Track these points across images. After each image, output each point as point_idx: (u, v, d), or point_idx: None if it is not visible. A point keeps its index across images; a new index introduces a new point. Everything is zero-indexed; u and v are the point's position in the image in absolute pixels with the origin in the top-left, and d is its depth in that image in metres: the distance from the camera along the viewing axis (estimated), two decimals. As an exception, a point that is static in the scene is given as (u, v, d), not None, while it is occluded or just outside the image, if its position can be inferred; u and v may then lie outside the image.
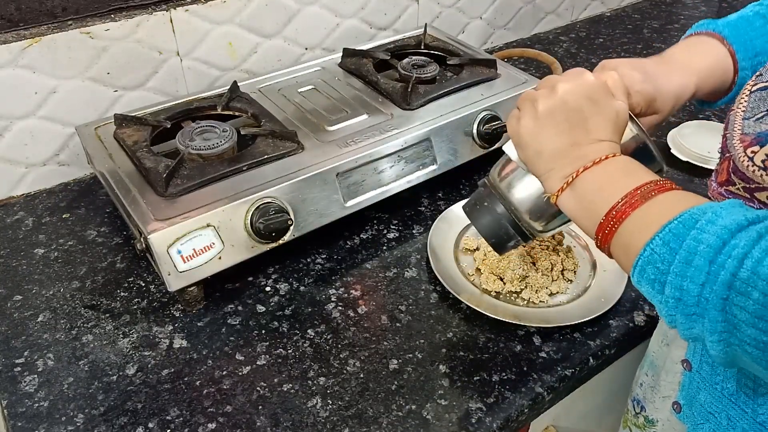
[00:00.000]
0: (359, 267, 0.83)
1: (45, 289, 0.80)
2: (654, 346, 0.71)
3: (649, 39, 1.47)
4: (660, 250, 0.45)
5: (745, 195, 0.50)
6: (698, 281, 0.43)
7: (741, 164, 0.48)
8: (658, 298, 0.47)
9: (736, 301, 0.41)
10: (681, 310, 0.44)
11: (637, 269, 0.47)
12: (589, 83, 0.56)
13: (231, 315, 0.77)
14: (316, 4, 1.10)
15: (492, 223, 0.65)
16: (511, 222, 0.64)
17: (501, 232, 0.65)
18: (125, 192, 0.77)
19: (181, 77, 1.02)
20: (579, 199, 0.53)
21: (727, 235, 0.42)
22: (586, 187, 0.53)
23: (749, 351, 0.41)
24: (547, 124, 0.55)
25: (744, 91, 0.53)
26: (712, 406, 0.58)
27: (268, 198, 0.75)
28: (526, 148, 0.57)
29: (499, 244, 0.66)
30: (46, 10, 0.90)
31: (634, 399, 0.75)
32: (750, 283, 0.40)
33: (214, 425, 0.65)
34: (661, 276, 0.45)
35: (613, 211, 0.49)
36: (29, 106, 0.91)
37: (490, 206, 0.64)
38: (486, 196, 0.65)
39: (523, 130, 0.56)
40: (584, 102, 0.55)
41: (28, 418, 0.65)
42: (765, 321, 0.40)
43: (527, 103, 0.57)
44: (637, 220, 0.48)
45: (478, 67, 1.01)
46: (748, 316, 0.40)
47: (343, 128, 0.87)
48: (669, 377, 0.67)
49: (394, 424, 0.65)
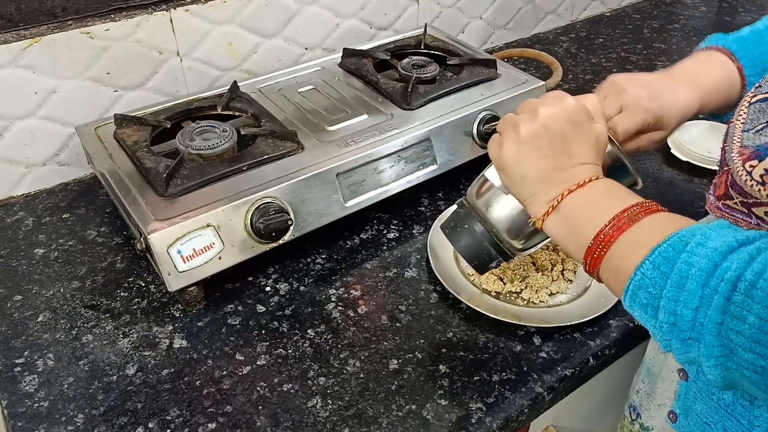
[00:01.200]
0: (359, 267, 0.83)
1: (45, 289, 0.80)
2: (650, 354, 0.71)
3: (649, 39, 1.47)
4: (651, 274, 0.45)
5: (743, 210, 0.49)
6: (692, 306, 0.42)
7: (739, 178, 0.48)
8: (651, 323, 0.46)
9: (731, 326, 0.40)
10: (676, 335, 0.44)
11: (629, 294, 0.47)
12: (571, 108, 0.56)
13: (231, 315, 0.77)
14: (316, 4, 1.10)
15: (472, 244, 0.64)
16: (492, 242, 0.63)
17: (482, 253, 0.64)
18: (125, 192, 0.77)
19: (181, 77, 1.02)
20: (565, 223, 0.53)
21: (719, 258, 0.42)
22: (571, 210, 0.53)
23: (747, 375, 0.41)
24: (530, 148, 0.55)
25: (743, 102, 0.53)
26: (708, 416, 0.57)
27: (268, 198, 0.75)
28: (509, 173, 0.57)
29: (481, 265, 0.66)
30: (46, 10, 0.90)
31: (630, 405, 0.75)
32: (744, 306, 0.40)
33: (214, 425, 0.65)
34: (653, 300, 0.45)
35: (601, 235, 0.49)
36: (29, 106, 0.91)
37: (470, 227, 0.64)
38: (464, 216, 0.64)
39: (506, 155, 0.56)
40: (566, 126, 0.55)
41: (28, 418, 0.65)
42: (762, 345, 0.39)
43: (509, 127, 0.57)
44: (626, 243, 0.48)
45: (478, 67, 1.01)
46: (744, 341, 0.40)
47: (343, 128, 0.87)
48: (665, 385, 0.66)
49: (394, 424, 0.65)
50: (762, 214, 0.47)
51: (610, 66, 1.34)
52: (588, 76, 1.30)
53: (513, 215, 0.62)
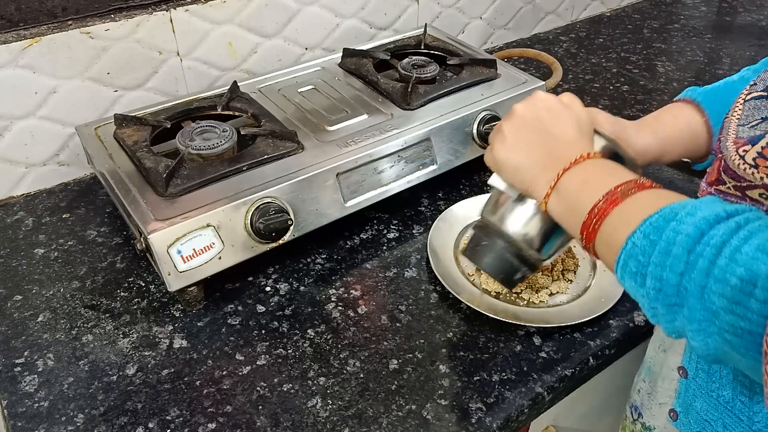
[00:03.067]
0: (359, 267, 0.83)
1: (45, 289, 0.80)
2: (651, 353, 0.71)
3: (649, 39, 1.47)
4: (641, 242, 0.46)
5: (737, 194, 0.50)
6: (677, 270, 0.43)
7: (732, 162, 0.49)
8: (640, 292, 0.47)
9: (714, 288, 0.41)
10: (661, 301, 0.45)
11: (620, 264, 0.48)
12: (542, 98, 0.60)
13: (231, 315, 0.77)
14: (316, 4, 1.10)
15: (496, 259, 0.64)
16: (514, 254, 0.63)
17: (506, 266, 0.64)
18: (125, 192, 0.77)
19: (181, 77, 1.02)
20: (564, 201, 0.54)
21: (706, 226, 0.43)
22: (569, 188, 0.54)
23: (728, 339, 0.41)
24: (516, 142, 0.58)
25: (738, 100, 0.54)
26: (708, 413, 0.58)
27: (268, 198, 0.75)
28: (505, 169, 0.59)
29: (508, 278, 0.65)
30: (46, 10, 0.90)
31: (632, 405, 0.75)
32: (728, 270, 0.41)
33: (214, 425, 0.65)
34: (642, 268, 0.46)
35: (595, 209, 0.51)
36: (29, 106, 0.91)
37: (490, 243, 0.64)
38: (484, 235, 0.65)
39: (497, 154, 0.59)
40: (542, 113, 0.58)
41: (28, 418, 0.65)
42: (742, 306, 0.40)
43: (493, 134, 0.61)
44: (619, 216, 0.49)
45: (478, 67, 1.01)
46: (725, 302, 0.40)
47: (343, 128, 0.87)
48: (665, 384, 0.67)
49: (394, 424, 0.65)
50: (757, 196, 0.48)
51: (610, 66, 1.34)
52: (588, 76, 1.30)
53: (528, 223, 0.62)
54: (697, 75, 1.31)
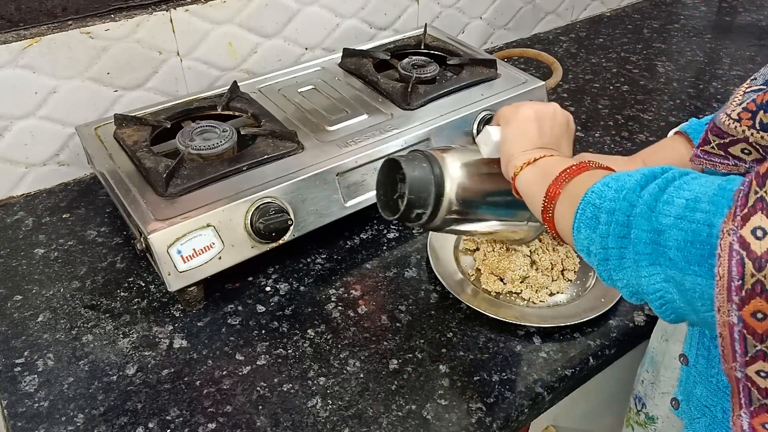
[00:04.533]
0: (359, 267, 0.83)
1: (45, 289, 0.80)
2: (654, 343, 0.72)
3: (648, 39, 1.47)
4: (599, 189, 0.50)
5: (720, 152, 0.53)
6: (630, 201, 0.47)
7: (719, 121, 0.52)
8: (593, 237, 0.49)
9: (661, 210, 0.44)
10: (613, 233, 0.47)
11: (578, 214, 0.51)
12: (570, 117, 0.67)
13: (231, 315, 0.77)
14: (316, 4, 1.10)
15: (421, 180, 0.64)
16: (436, 189, 0.64)
17: (422, 193, 0.64)
18: (125, 192, 0.77)
19: (181, 77, 1.02)
20: (537, 170, 0.59)
21: (659, 171, 0.47)
22: (547, 163, 0.60)
23: (672, 256, 0.43)
24: (538, 120, 0.63)
25: (738, 91, 0.56)
26: (708, 399, 0.58)
27: (268, 198, 0.75)
28: (515, 128, 0.63)
29: (412, 204, 0.64)
30: (46, 10, 0.90)
31: (635, 396, 0.75)
32: (675, 195, 0.44)
33: (214, 425, 0.65)
34: (597, 211, 0.49)
35: (567, 170, 0.55)
36: (29, 106, 0.91)
37: (427, 166, 0.65)
38: (425, 157, 0.66)
39: (521, 115, 0.64)
40: (564, 124, 0.65)
41: (28, 418, 0.65)
42: (686, 220, 0.42)
43: (526, 102, 0.66)
44: (585, 177, 0.54)
45: (478, 67, 1.01)
46: (671, 220, 0.43)
47: (343, 128, 0.87)
48: (668, 373, 0.67)
49: (394, 424, 0.65)
50: (738, 152, 0.51)
51: (610, 66, 1.34)
52: (588, 76, 1.30)
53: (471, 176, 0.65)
54: (697, 75, 1.31)
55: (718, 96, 1.22)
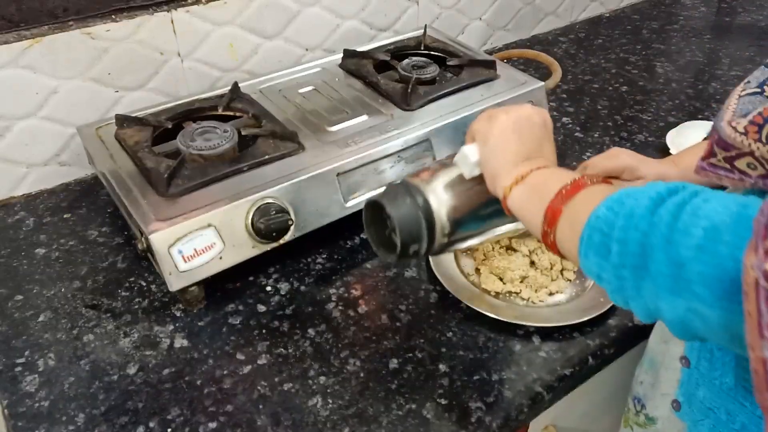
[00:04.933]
0: (359, 267, 0.84)
1: (46, 289, 0.80)
2: (653, 344, 0.72)
3: (648, 40, 1.47)
4: (604, 214, 0.47)
5: (725, 165, 0.52)
6: (641, 229, 0.44)
7: (724, 133, 0.51)
8: (605, 265, 0.47)
9: (679, 241, 0.42)
10: (627, 263, 0.45)
11: (584, 240, 0.49)
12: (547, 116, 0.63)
13: (232, 314, 0.77)
14: (317, 5, 1.10)
15: (408, 215, 0.60)
16: (428, 221, 0.60)
17: (414, 229, 0.60)
18: (126, 192, 0.77)
19: (182, 78, 1.02)
20: (529, 189, 0.57)
21: (665, 193, 0.45)
22: (537, 178, 0.57)
23: (697, 291, 0.41)
24: (517, 129, 0.60)
25: (733, 95, 0.56)
26: (711, 401, 0.58)
27: (269, 198, 0.76)
28: (494, 145, 0.60)
29: (406, 242, 0.61)
30: (47, 11, 0.90)
31: (634, 398, 0.75)
32: (691, 223, 0.42)
33: (215, 424, 0.65)
34: (605, 239, 0.47)
35: (563, 190, 0.53)
36: (30, 107, 0.91)
37: (411, 200, 0.60)
38: (406, 189, 0.61)
39: (496, 129, 0.60)
40: (542, 126, 0.61)
41: (28, 418, 0.65)
42: (708, 253, 0.40)
43: (498, 110, 0.62)
44: (584, 198, 0.51)
45: (478, 68, 1.01)
46: (692, 252, 0.41)
47: (344, 129, 0.88)
48: (668, 374, 0.67)
49: (394, 423, 0.65)
50: (744, 166, 0.50)
51: (609, 66, 1.35)
52: (587, 77, 1.30)
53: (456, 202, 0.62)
54: (697, 75, 1.31)
55: (717, 96, 1.22)
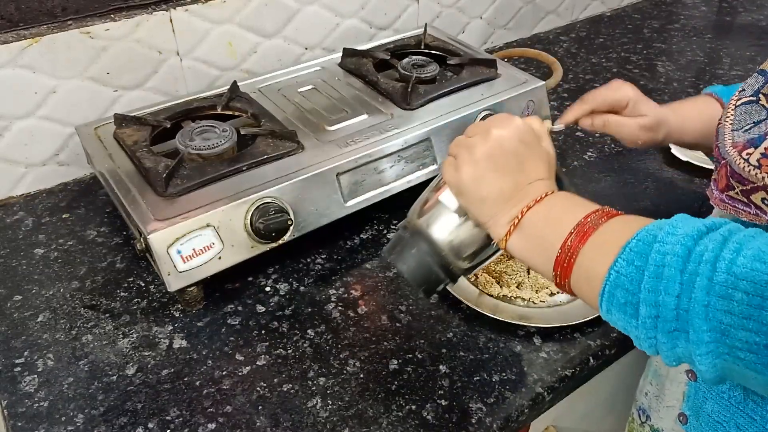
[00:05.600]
0: (359, 267, 0.83)
1: (45, 289, 0.80)
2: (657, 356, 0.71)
3: (649, 39, 1.47)
4: (625, 270, 0.44)
5: (743, 199, 0.50)
6: (673, 293, 0.42)
7: (737, 166, 0.49)
8: (633, 323, 0.45)
9: (719, 306, 0.40)
10: (661, 328, 0.43)
11: (605, 297, 0.46)
12: (521, 128, 0.57)
13: (231, 315, 0.77)
14: (316, 4, 1.10)
15: (419, 267, 0.61)
16: (438, 263, 0.61)
17: (430, 276, 0.61)
18: (125, 192, 0.76)
19: (181, 77, 1.02)
20: (529, 240, 0.53)
21: (691, 243, 0.42)
22: (533, 226, 0.53)
23: (742, 356, 0.40)
24: (487, 169, 0.55)
25: (729, 105, 0.55)
26: (719, 415, 0.57)
27: (268, 198, 0.75)
28: (468, 195, 0.57)
29: (428, 289, 0.63)
30: (45, 10, 0.90)
31: (639, 408, 0.74)
32: (729, 285, 0.39)
33: (214, 425, 0.64)
34: (632, 298, 0.44)
35: (568, 242, 0.49)
36: (29, 106, 0.91)
37: (417, 249, 0.61)
38: (410, 239, 0.62)
39: (465, 177, 0.56)
40: (519, 146, 0.56)
41: (28, 418, 0.65)
42: (754, 321, 0.38)
43: (463, 149, 0.57)
44: (594, 247, 0.48)
45: (478, 67, 1.01)
46: (735, 319, 0.39)
47: (343, 128, 0.87)
48: (673, 387, 0.66)
49: (394, 424, 0.65)
50: (759, 201, 0.47)
51: (610, 66, 1.34)
52: (588, 76, 1.30)
53: (459, 234, 0.60)
54: (697, 75, 1.31)
55: (718, 96, 1.22)
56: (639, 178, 1.00)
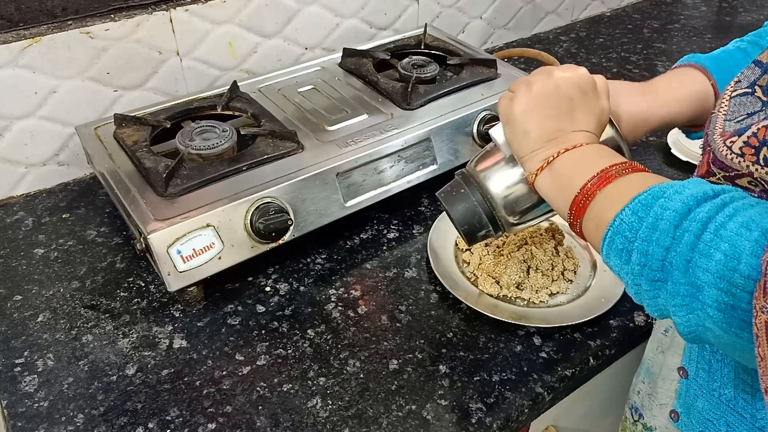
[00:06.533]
0: (359, 267, 0.83)
1: (45, 289, 0.80)
2: (649, 354, 0.71)
3: (649, 39, 1.47)
4: (629, 219, 0.47)
5: (726, 184, 0.51)
6: (663, 245, 0.44)
7: (720, 153, 0.50)
8: (624, 269, 0.47)
9: (699, 263, 0.42)
10: (646, 276, 0.45)
11: (607, 240, 0.49)
12: (583, 76, 0.59)
13: (231, 315, 0.77)
14: (316, 4, 1.10)
15: (466, 210, 0.65)
16: (486, 211, 0.65)
17: (474, 220, 0.65)
18: (125, 192, 0.76)
19: (181, 77, 1.02)
20: (555, 178, 0.56)
21: (693, 203, 0.44)
22: (562, 167, 0.55)
23: (711, 314, 0.42)
24: (539, 105, 0.58)
25: (724, 95, 0.55)
26: (710, 413, 0.57)
27: (268, 198, 0.75)
28: (515, 126, 0.59)
29: (471, 232, 0.66)
30: (45, 10, 0.90)
31: (631, 407, 0.75)
32: (713, 245, 0.41)
33: (214, 425, 0.64)
34: (628, 244, 0.47)
35: (588, 184, 0.52)
36: (29, 106, 0.91)
37: (467, 193, 0.65)
38: (463, 183, 0.66)
39: (517, 108, 0.59)
40: (575, 92, 0.58)
41: (28, 418, 0.65)
42: (726, 281, 0.40)
43: (522, 84, 0.60)
44: (610, 194, 0.50)
45: (478, 67, 1.01)
46: (710, 277, 0.41)
47: (343, 128, 0.87)
48: (665, 385, 0.67)
49: (394, 424, 0.65)
50: (746, 183, 0.49)
51: (611, 66, 1.34)
52: (588, 76, 1.30)
53: (511, 188, 0.64)
54: (698, 75, 1.31)
55: (718, 96, 1.22)
56: (639, 178, 1.00)
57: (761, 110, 0.51)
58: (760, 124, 0.46)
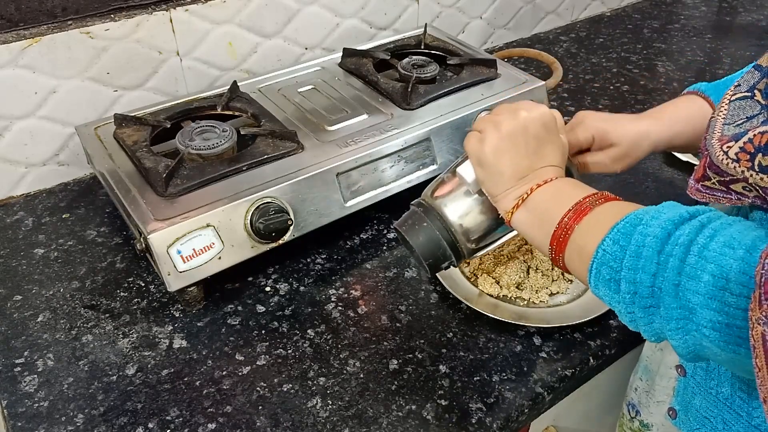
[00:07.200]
0: (359, 267, 0.83)
1: (45, 289, 0.80)
2: (647, 351, 0.71)
3: (649, 39, 1.47)
4: (611, 249, 0.48)
5: (721, 188, 0.52)
6: (650, 271, 0.45)
7: (716, 158, 0.51)
8: (615, 298, 0.48)
9: (688, 286, 0.43)
10: (638, 304, 0.46)
11: (593, 272, 0.49)
12: (546, 114, 0.61)
13: (231, 315, 0.77)
14: (316, 4, 1.10)
15: (429, 242, 0.65)
16: (448, 241, 0.64)
17: (438, 252, 0.65)
18: (125, 192, 0.76)
19: (181, 77, 1.02)
20: (532, 215, 0.57)
21: (671, 226, 0.45)
22: (538, 201, 0.57)
23: (707, 334, 0.42)
24: (511, 146, 0.59)
25: (724, 99, 0.56)
26: (707, 411, 0.58)
27: (268, 198, 0.75)
28: (489, 167, 0.60)
29: (435, 264, 0.66)
30: (45, 10, 0.90)
31: (629, 404, 0.75)
32: (699, 267, 0.42)
33: (214, 425, 0.64)
34: (615, 274, 0.47)
35: (565, 219, 0.53)
36: (29, 106, 0.91)
37: (429, 225, 0.65)
38: (424, 214, 0.66)
39: (488, 149, 0.59)
40: (541, 130, 0.60)
41: (28, 418, 0.65)
42: (717, 301, 0.41)
43: (490, 125, 0.60)
44: (588, 226, 0.52)
45: (478, 67, 1.01)
46: (701, 299, 0.42)
47: (343, 128, 0.87)
48: (663, 382, 0.67)
49: (394, 424, 0.65)
50: (740, 189, 0.50)
51: (611, 66, 1.34)
52: (588, 76, 1.30)
53: (471, 217, 0.64)
54: (697, 75, 1.31)
55: (718, 96, 1.22)
56: (639, 178, 1.00)
57: (760, 113, 0.51)
58: (757, 130, 0.47)
